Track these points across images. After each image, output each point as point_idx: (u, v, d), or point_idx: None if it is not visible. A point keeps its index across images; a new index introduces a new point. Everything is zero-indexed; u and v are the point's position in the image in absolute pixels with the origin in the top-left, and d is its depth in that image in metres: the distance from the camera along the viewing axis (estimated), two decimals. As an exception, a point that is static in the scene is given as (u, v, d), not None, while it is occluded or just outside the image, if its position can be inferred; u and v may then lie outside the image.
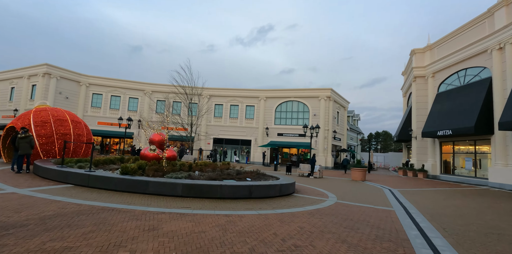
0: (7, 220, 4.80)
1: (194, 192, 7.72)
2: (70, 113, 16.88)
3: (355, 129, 44.62)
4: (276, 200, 8.39)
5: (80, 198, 6.86)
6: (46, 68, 27.80)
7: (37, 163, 10.73)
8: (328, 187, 13.08)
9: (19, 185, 8.11)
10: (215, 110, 33.49)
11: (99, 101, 31.43)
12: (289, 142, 31.29)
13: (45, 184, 8.60)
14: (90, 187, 8.28)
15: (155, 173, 9.05)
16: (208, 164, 12.70)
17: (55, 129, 15.07)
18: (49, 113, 15.60)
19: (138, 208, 6.25)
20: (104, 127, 31.17)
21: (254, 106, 33.11)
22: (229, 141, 33.43)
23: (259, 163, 31.60)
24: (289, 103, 32.13)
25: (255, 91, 33.26)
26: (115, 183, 8.00)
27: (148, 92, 32.63)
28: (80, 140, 16.19)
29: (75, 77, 30.27)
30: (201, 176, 9.20)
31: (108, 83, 31.89)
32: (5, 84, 32.26)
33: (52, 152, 14.81)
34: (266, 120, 32.42)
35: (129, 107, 32.29)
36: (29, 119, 14.87)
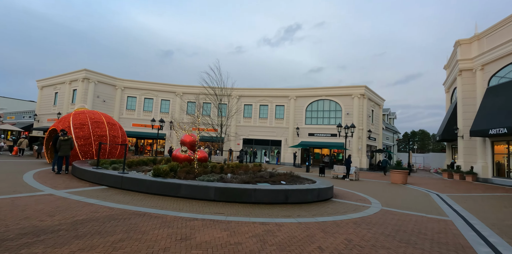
0: (40, 224, 4.68)
1: (227, 196, 7.31)
2: (106, 115, 17.40)
3: (391, 128, 42.22)
4: (314, 205, 7.74)
5: (112, 201, 6.72)
6: (85, 73, 29.31)
7: (75, 164, 10.99)
8: (367, 191, 12.11)
9: (56, 186, 8.23)
10: (245, 111, 33.27)
11: (134, 104, 32.57)
12: (321, 142, 30.19)
13: (81, 185, 8.68)
14: (123, 189, 8.20)
15: (186, 175, 8.80)
16: (240, 165, 12.31)
17: (92, 130, 15.57)
18: (87, 116, 16.16)
19: (170, 213, 5.94)
20: (138, 129, 32.22)
21: (284, 106, 32.41)
22: (259, 142, 33.04)
23: (290, 163, 30.84)
24: (320, 102, 31.03)
25: (284, 91, 32.57)
26: (147, 186, 7.83)
27: (179, 94, 33.23)
28: (116, 141, 16.60)
29: (111, 81, 31.63)
30: (234, 178, 8.80)
31: (141, 86, 32.94)
32: (49, 90, 34.55)
33: (90, 153, 15.30)
34: (297, 120, 31.57)
35: (161, 109, 33.10)
36: (69, 122, 15.50)
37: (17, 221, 4.82)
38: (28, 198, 6.55)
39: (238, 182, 8.32)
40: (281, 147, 32.26)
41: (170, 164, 9.52)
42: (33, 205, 5.91)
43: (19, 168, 12.39)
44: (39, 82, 36.42)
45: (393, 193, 12.06)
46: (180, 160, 11.42)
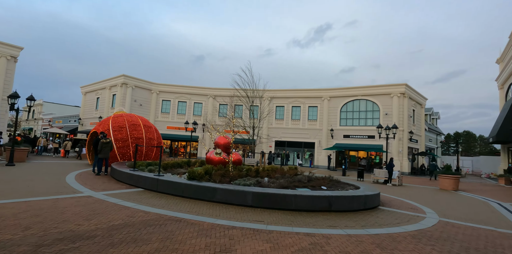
0: (77, 229, 4.52)
1: (265, 202, 6.83)
2: (142, 118, 17.82)
3: (434, 129, 39.19)
4: (360, 214, 6.99)
5: (148, 205, 6.54)
6: (123, 78, 30.69)
7: (113, 166, 11.19)
8: (417, 198, 10.98)
9: (95, 188, 8.30)
10: (276, 113, 32.72)
11: (168, 107, 33.48)
12: (357, 144, 28.71)
13: (118, 187, 8.70)
14: (159, 192, 8.06)
15: (222, 178, 8.47)
16: (275, 168, 11.78)
17: (129, 133, 15.97)
18: (125, 119, 16.64)
19: (207, 219, 5.58)
20: (173, 131, 33.00)
21: (317, 107, 31.37)
22: (291, 144, 32.27)
23: (324, 166, 29.69)
24: (356, 103, 29.56)
25: (317, 91, 31.55)
26: (183, 189, 7.59)
27: (211, 97, 33.58)
28: (151, 143, 16.90)
29: (147, 85, 32.81)
30: (271, 183, 8.30)
31: (175, 90, 33.78)
32: (92, 95, 36.71)
33: (128, 155, 15.68)
34: (331, 122, 30.38)
35: (194, 112, 33.65)
36: (108, 125, 16.03)
37: (56, 224, 4.73)
38: (68, 200, 6.57)
39: (276, 186, 7.80)
40: (314, 149, 31.22)
41: (204, 166, 9.27)
42: (72, 207, 5.88)
43: (63, 169, 12.93)
44: (83, 89, 38.84)
45: (446, 201, 10.80)
46: (214, 162, 11.17)
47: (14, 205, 5.79)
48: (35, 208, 5.68)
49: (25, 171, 11.29)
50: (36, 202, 6.15)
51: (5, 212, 5.27)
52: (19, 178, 9.45)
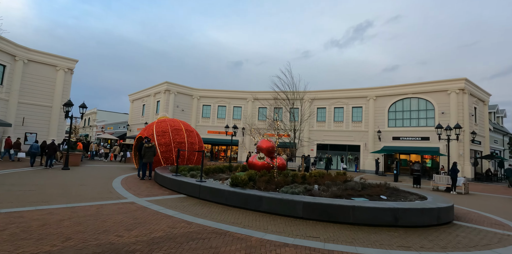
0: (116, 242, 4.17)
1: (317, 214, 6.01)
2: (184, 123, 17.98)
3: (499, 128, 34.63)
4: (434, 231, 5.83)
5: (191, 213, 6.10)
6: (166, 85, 31.84)
7: (157, 170, 11.16)
8: (496, 211, 9.26)
9: (139, 193, 8.16)
10: (318, 115, 31.41)
11: (208, 111, 33.99)
12: (408, 146, 26.24)
13: (161, 193, 8.49)
14: (201, 199, 7.65)
15: (267, 185, 7.81)
16: (323, 174, 10.84)
17: (172, 137, 16.13)
18: (168, 123, 16.88)
19: (254, 233, 4.94)
20: (213, 135, 33.35)
21: (362, 107, 29.45)
22: (334, 147, 30.66)
23: (370, 171, 27.65)
24: (406, 101, 27.13)
25: (362, 91, 29.65)
26: (226, 197, 7.08)
27: (250, 100, 33.39)
28: (193, 147, 16.91)
29: (188, 91, 33.67)
30: (322, 191, 7.43)
31: (215, 95, 34.20)
32: (138, 103, 38.76)
33: (171, 159, 15.82)
34: (377, 123, 28.26)
35: (234, 116, 33.72)
36: (152, 130, 16.37)
37: (96, 234, 4.44)
38: (112, 206, 6.41)
39: (328, 195, 6.93)
40: (359, 152, 29.27)
41: (248, 172, 8.70)
42: (114, 215, 5.64)
43: (111, 173, 13.32)
44: (130, 96, 41.21)
45: (537, 215, 8.94)
46: (257, 167, 10.58)
47: (61, 211, 5.72)
48: (79, 214, 5.54)
49: (77, 175, 11.75)
50: (81, 208, 6.05)
51: (51, 218, 5.16)
52: (71, 182, 9.75)
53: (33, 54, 22.93)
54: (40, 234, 4.34)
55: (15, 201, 6.38)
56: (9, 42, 21.29)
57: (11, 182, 9.07)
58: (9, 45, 21.34)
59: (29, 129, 22.37)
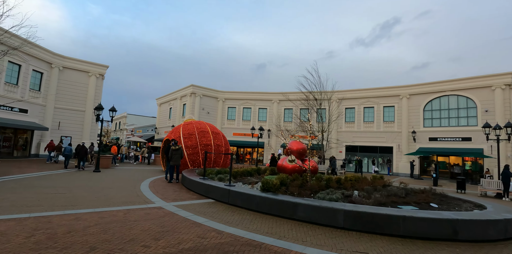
0: (144, 253, 3.81)
1: (361, 224, 5.34)
2: (210, 125, 17.81)
3: (551, 128, 31.34)
4: (504, 247, 4.95)
5: (221, 221, 5.67)
6: (192, 88, 32.16)
7: (184, 173, 10.93)
8: None
9: (166, 197, 7.90)
10: (346, 115, 30.18)
11: (233, 114, 33.88)
12: (447, 148, 24.34)
13: (188, 197, 8.18)
14: (231, 205, 7.22)
15: (300, 190, 7.23)
16: (359, 178, 10.05)
17: (199, 140, 15.97)
18: (194, 126, 16.78)
19: (293, 246, 4.39)
20: (238, 138, 33.14)
21: (394, 106, 27.85)
22: (365, 149, 29.25)
23: (405, 174, 25.99)
24: (444, 99, 25.24)
25: (394, 89, 28.08)
26: (257, 202, 6.59)
27: (275, 102, 32.85)
28: (219, 150, 16.65)
29: (213, 94, 33.78)
30: (363, 197, 6.72)
31: (240, 97, 34.04)
32: (165, 106, 39.58)
33: (197, 162, 15.65)
34: (412, 123, 26.56)
35: (259, 118, 33.33)
36: (179, 132, 16.33)
37: (122, 244, 4.12)
38: (139, 211, 6.14)
39: (371, 203, 6.21)
40: (392, 154, 27.66)
41: (279, 176, 8.16)
42: (141, 222, 5.34)
43: (140, 176, 13.35)
44: (158, 100, 42.21)
45: None
46: (288, 170, 10.01)
47: (88, 216, 5.52)
48: (106, 220, 5.29)
49: (107, 178, 11.83)
50: (108, 213, 5.83)
51: (78, 225, 4.95)
52: (101, 185, 9.75)
53: (68, 62, 24.00)
54: (65, 242, 4.09)
55: (45, 205, 6.31)
56: (46, 51, 22.41)
57: (46, 184, 9.21)
58: (46, 54, 22.46)
59: (64, 133, 23.36)
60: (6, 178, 10.20)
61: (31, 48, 20.90)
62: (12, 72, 19.98)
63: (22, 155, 20.92)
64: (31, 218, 5.22)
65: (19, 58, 20.19)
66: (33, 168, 14.30)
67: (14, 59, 19.85)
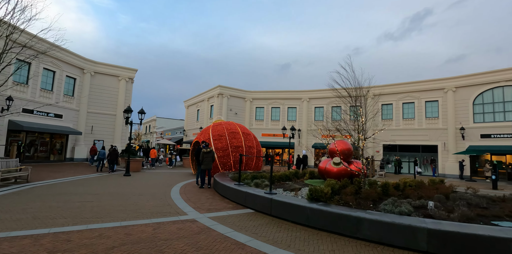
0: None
1: (452, 248, 4.06)
2: (240, 126, 16.94)
3: None
4: None
5: (267, 240, 4.64)
6: (219, 89, 31.66)
7: (216, 178, 10.08)
8: None
9: (199, 207, 7.03)
10: (383, 112, 28.09)
11: (262, 114, 32.91)
12: (504, 146, 21.60)
13: (224, 206, 7.25)
14: (274, 217, 6.17)
15: (357, 199, 6.03)
16: (418, 183, 8.60)
17: (229, 141, 15.15)
18: (224, 127, 15.99)
19: (373, 284, 3.25)
20: (267, 138, 32.13)
21: (438, 101, 25.38)
22: (405, 148, 26.97)
23: (452, 175, 23.49)
24: (497, 91, 22.49)
25: (437, 82, 25.60)
26: (307, 216, 5.48)
27: (305, 100, 31.42)
28: (251, 151, 15.72)
29: (241, 94, 33.04)
30: (442, 210, 5.37)
31: (268, 96, 33.01)
32: (193, 108, 39.55)
33: (228, 165, 14.83)
34: (459, 118, 23.99)
35: (288, 117, 32.09)
36: (209, 134, 15.62)
37: (151, 276, 3.21)
38: (171, 226, 5.29)
39: (457, 218, 4.86)
40: (437, 153, 25.20)
41: (328, 182, 6.98)
42: (173, 240, 4.45)
43: (170, 180, 12.74)
44: (185, 102, 42.37)
45: None
46: (333, 175, 8.80)
47: (113, 233, 4.74)
48: (133, 239, 4.46)
49: (137, 183, 11.30)
50: (136, 229, 5.02)
51: (101, 245, 4.15)
52: (130, 190, 9.15)
53: (99, 67, 24.37)
54: (82, 272, 3.27)
55: (69, 216, 5.66)
56: (78, 57, 22.86)
57: (74, 190, 8.76)
58: (79, 59, 22.91)
59: (97, 136, 23.70)
60: (36, 183, 9.94)
61: (64, 55, 21.37)
62: (47, 79, 20.49)
63: (58, 159, 21.40)
64: (50, 235, 4.52)
65: (53, 64, 20.68)
66: (65, 172, 14.24)
67: (49, 66, 20.35)
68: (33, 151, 19.58)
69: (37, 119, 19.38)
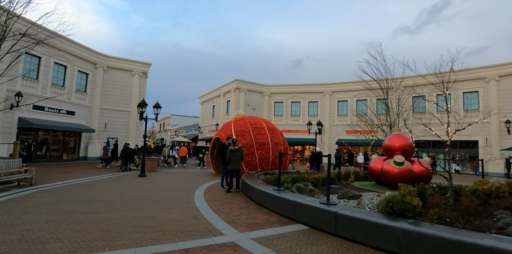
0: None
1: None
2: (265, 120, 15.34)
3: None
4: None
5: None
6: (236, 83, 30.09)
7: (246, 180, 8.52)
8: None
9: (235, 220, 5.47)
10: (414, 104, 25.83)
11: (281, 109, 31.15)
12: (558, 140, 19.14)
13: (265, 220, 5.65)
14: (340, 237, 4.54)
15: (461, 214, 4.30)
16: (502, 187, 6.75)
17: (254, 137, 13.58)
18: (247, 121, 14.42)
19: None
20: (287, 135, 30.37)
21: (478, 92, 22.95)
22: (440, 144, 24.68)
23: (496, 174, 21.19)
24: (551, 79, 19.95)
25: (476, 71, 23.13)
26: (400, 241, 3.81)
27: (327, 93, 29.42)
28: (278, 149, 14.10)
29: (258, 88, 31.34)
30: None
31: (287, 90, 31.18)
32: (208, 104, 38.20)
33: (253, 164, 13.26)
34: (504, 111, 21.56)
35: (309, 112, 30.17)
36: (231, 130, 14.09)
37: None
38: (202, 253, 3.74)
39: None
40: (478, 149, 22.85)
41: (406, 188, 5.22)
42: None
43: (190, 181, 11.32)
44: (200, 99, 41.09)
45: None
46: (393, 177, 7.06)
47: (124, 268, 3.23)
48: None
49: (153, 185, 9.89)
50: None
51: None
52: (146, 196, 7.72)
53: (111, 61, 23.25)
54: None
55: (66, 239, 4.19)
56: (90, 51, 21.76)
57: (82, 196, 7.40)
58: (91, 54, 21.82)
59: (111, 134, 22.63)
60: (41, 187, 8.66)
61: (75, 48, 20.29)
62: (58, 74, 19.46)
63: (71, 158, 20.44)
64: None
65: (64, 59, 19.62)
66: (76, 172, 13.04)
67: (60, 60, 19.29)
68: (45, 150, 18.63)
69: (48, 116, 18.39)
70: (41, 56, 18.01)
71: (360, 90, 27.92)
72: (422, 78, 25.26)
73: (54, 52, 18.79)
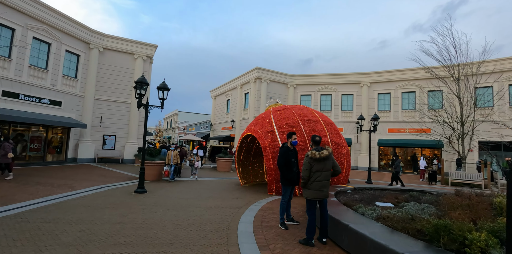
0: None
1: None
2: (317, 112, 10.88)
3: None
4: None
5: None
6: (257, 72, 25.62)
7: (339, 219, 4.05)
8: None
9: None
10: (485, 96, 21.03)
11: (308, 103, 26.58)
12: None
13: None
14: None
15: None
16: None
17: (307, 135, 9.12)
18: (293, 112, 9.95)
19: None
20: (315, 133, 25.91)
21: None
22: (511, 146, 19.83)
23: None
24: None
25: None
26: None
27: (365, 85, 24.75)
28: (340, 152, 9.63)
29: (282, 79, 26.84)
30: None
31: (316, 81, 26.60)
32: (222, 98, 33.86)
33: (306, 174, 8.83)
34: None
35: (342, 107, 25.55)
36: (271, 123, 9.63)
37: None
38: None
39: None
40: None
41: None
42: None
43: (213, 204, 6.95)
44: (212, 92, 36.79)
45: None
46: None
47: None
48: None
49: (157, 215, 5.50)
50: None
51: None
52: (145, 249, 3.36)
53: (109, 41, 19.05)
54: None
55: None
56: (83, 27, 17.58)
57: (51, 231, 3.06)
58: (83, 31, 17.63)
59: (107, 130, 18.45)
60: None
61: (62, 22, 16.11)
62: (39, 53, 15.29)
63: (57, 160, 16.29)
64: None
65: (48, 34, 15.42)
66: (55, 185, 8.75)
67: (41, 35, 15.11)
68: (20, 149, 14.48)
69: (25, 106, 14.26)
70: (15, 28, 13.86)
71: (406, 81, 23.24)
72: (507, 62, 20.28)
73: (32, 25, 14.62)
